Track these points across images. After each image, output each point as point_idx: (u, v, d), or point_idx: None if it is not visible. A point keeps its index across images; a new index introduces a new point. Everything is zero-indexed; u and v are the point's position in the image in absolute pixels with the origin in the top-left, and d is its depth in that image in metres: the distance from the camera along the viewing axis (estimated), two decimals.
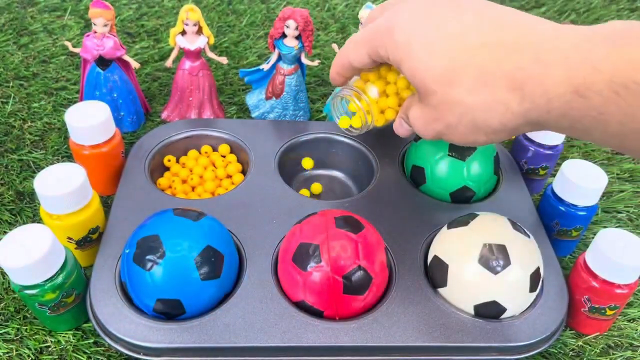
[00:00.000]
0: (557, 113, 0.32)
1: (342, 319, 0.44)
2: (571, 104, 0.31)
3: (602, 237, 0.46)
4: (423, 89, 0.37)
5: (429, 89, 0.36)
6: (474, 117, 0.35)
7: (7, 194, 0.57)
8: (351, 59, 0.42)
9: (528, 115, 0.34)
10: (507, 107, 0.34)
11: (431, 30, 0.36)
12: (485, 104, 0.34)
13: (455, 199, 0.56)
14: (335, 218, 0.45)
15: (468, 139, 0.37)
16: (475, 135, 0.37)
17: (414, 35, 0.36)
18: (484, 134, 0.36)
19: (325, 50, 0.82)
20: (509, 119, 0.34)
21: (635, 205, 0.63)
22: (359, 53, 0.41)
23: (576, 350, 0.49)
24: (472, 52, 0.34)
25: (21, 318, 0.47)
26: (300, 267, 0.43)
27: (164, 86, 0.74)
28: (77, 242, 0.49)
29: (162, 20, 0.85)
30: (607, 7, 0.99)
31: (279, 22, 0.60)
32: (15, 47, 0.78)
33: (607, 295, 0.46)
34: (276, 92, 0.64)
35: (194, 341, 0.42)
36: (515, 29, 0.34)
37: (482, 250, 0.44)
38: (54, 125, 0.66)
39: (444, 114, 0.37)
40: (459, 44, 0.35)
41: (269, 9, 0.90)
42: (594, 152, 0.70)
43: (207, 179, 0.59)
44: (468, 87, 0.35)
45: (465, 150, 0.54)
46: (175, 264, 0.42)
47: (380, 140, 0.62)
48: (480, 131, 0.36)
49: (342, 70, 0.44)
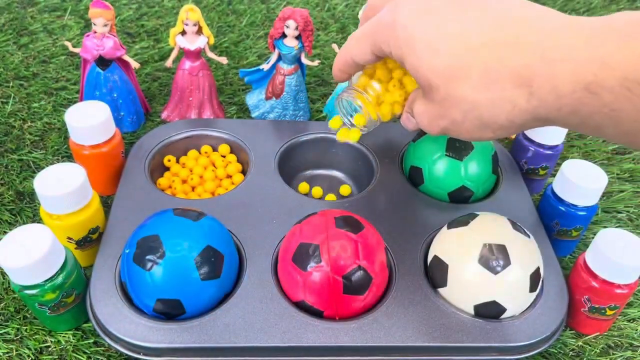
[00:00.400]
0: (567, 110, 0.31)
1: (342, 319, 0.44)
2: (581, 100, 0.30)
3: (602, 237, 0.46)
4: (427, 85, 0.36)
5: (433, 85, 0.36)
6: (480, 113, 0.35)
7: (7, 194, 0.57)
8: (354, 55, 0.42)
9: (536, 112, 0.33)
10: (514, 104, 0.33)
11: (432, 28, 0.35)
12: (492, 101, 0.34)
13: (454, 199, 0.56)
14: (335, 218, 0.45)
15: (474, 135, 0.37)
16: (482, 132, 0.36)
17: (415, 32, 0.36)
18: (491, 130, 0.36)
19: (325, 50, 0.82)
20: (516, 115, 0.34)
21: (635, 205, 0.63)
22: (362, 49, 0.41)
23: (576, 350, 0.49)
24: (474, 51, 0.34)
25: (21, 318, 0.47)
26: (300, 267, 0.43)
27: (164, 86, 0.74)
28: (77, 242, 0.49)
29: (162, 20, 0.85)
30: (607, 7, 0.99)
31: (279, 22, 0.60)
32: (15, 47, 0.78)
33: (607, 295, 0.46)
34: (276, 92, 0.64)
35: (194, 341, 0.42)
36: (519, 25, 0.33)
37: (482, 250, 0.44)
38: (54, 125, 0.66)
39: (449, 110, 0.36)
40: (461, 44, 0.34)
41: (269, 9, 0.90)
42: (594, 152, 0.70)
43: (207, 179, 0.59)
44: (473, 84, 0.34)
45: (463, 150, 0.54)
46: (175, 264, 0.42)
47: (380, 140, 0.62)
48: (487, 128, 0.36)
49: (345, 67, 0.44)
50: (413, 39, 0.36)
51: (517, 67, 0.32)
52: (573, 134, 0.72)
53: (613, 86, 0.29)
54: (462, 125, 0.36)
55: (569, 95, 0.30)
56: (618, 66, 0.28)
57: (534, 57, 0.32)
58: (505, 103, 0.33)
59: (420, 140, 0.57)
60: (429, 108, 0.38)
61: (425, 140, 0.56)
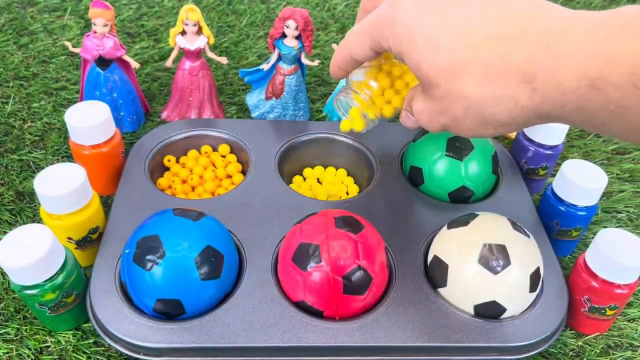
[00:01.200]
0: (572, 107, 0.30)
1: (342, 319, 0.44)
2: (586, 97, 0.29)
3: (602, 237, 0.46)
4: (427, 82, 0.36)
5: (433, 82, 0.35)
6: (482, 111, 0.34)
7: (7, 194, 0.57)
8: (353, 51, 0.41)
9: (539, 109, 0.32)
10: (516, 101, 0.32)
11: (433, 24, 0.35)
12: (493, 98, 0.33)
13: (454, 199, 0.56)
14: (335, 218, 0.45)
15: (475, 132, 0.36)
16: (483, 129, 0.36)
17: (416, 28, 0.35)
18: (492, 127, 0.35)
19: (325, 50, 0.82)
20: (518, 112, 0.33)
21: (635, 205, 0.63)
22: (361, 45, 0.40)
23: (576, 350, 0.49)
24: (477, 47, 0.33)
25: (21, 318, 0.47)
26: (300, 267, 0.43)
27: (164, 86, 0.74)
28: (77, 242, 0.49)
29: (162, 20, 0.85)
30: (607, 7, 0.99)
31: (279, 22, 0.60)
32: (15, 47, 0.78)
33: (607, 295, 0.46)
34: (276, 92, 0.64)
35: (194, 341, 0.42)
36: (523, 18, 0.32)
37: (482, 250, 0.44)
38: (54, 125, 0.66)
39: (449, 107, 0.36)
40: (463, 40, 0.33)
41: (269, 9, 0.90)
42: (594, 152, 0.70)
43: (207, 179, 0.59)
44: (474, 81, 0.33)
45: (463, 150, 0.54)
46: (175, 264, 0.42)
47: (380, 140, 0.62)
48: (489, 125, 0.35)
49: (344, 64, 0.42)
50: (413, 34, 0.35)
51: (520, 63, 0.32)
52: (573, 134, 0.72)
53: (619, 82, 0.28)
54: (463, 122, 0.36)
55: (573, 91, 0.30)
56: (624, 61, 0.27)
57: (538, 52, 0.31)
58: (507, 100, 0.33)
59: (421, 140, 0.57)
60: (429, 105, 0.37)
61: (425, 141, 0.56)
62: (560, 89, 0.30)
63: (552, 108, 0.31)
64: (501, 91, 0.33)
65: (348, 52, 0.41)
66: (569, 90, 0.30)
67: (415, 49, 0.35)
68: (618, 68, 0.28)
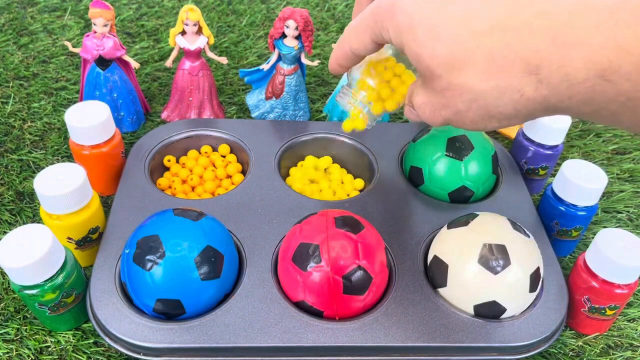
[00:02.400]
0: (580, 99, 0.29)
1: (342, 319, 0.44)
2: (595, 88, 0.28)
3: (602, 237, 0.46)
4: (428, 74, 0.35)
5: (435, 73, 0.34)
6: (486, 103, 0.33)
7: (7, 194, 0.57)
8: (353, 46, 0.39)
9: (546, 101, 0.31)
10: (521, 93, 0.31)
11: (434, 13, 0.33)
12: (497, 90, 0.32)
13: (454, 199, 0.56)
14: (335, 218, 0.45)
15: (478, 125, 0.35)
16: (487, 122, 0.34)
17: (416, 17, 0.34)
18: (497, 120, 0.34)
19: (325, 50, 0.82)
20: (523, 105, 0.32)
21: (635, 205, 0.63)
22: (362, 39, 0.38)
23: (576, 350, 0.49)
24: (480, 37, 0.32)
25: (21, 318, 0.47)
26: (300, 267, 0.43)
27: (164, 86, 0.74)
28: (77, 242, 0.49)
29: (162, 20, 0.85)
30: None
31: (278, 22, 0.60)
32: (15, 47, 0.78)
33: (607, 295, 0.46)
34: (276, 92, 0.64)
35: (194, 341, 0.42)
36: (527, 8, 0.31)
37: (482, 250, 0.44)
38: (54, 125, 0.66)
39: (451, 100, 0.34)
40: (465, 29, 0.32)
41: (269, 9, 0.90)
42: (593, 152, 0.70)
43: (207, 179, 0.59)
44: (477, 72, 0.32)
45: (463, 150, 0.54)
46: (175, 264, 0.42)
47: (380, 140, 0.62)
48: (493, 118, 0.34)
49: (344, 60, 0.41)
50: (414, 24, 0.34)
51: (526, 53, 0.30)
52: (573, 134, 0.72)
53: (630, 72, 0.27)
54: (466, 115, 0.35)
55: (581, 82, 0.28)
56: (635, 50, 0.26)
57: (544, 42, 0.30)
58: (512, 92, 0.32)
59: (420, 140, 0.57)
60: (430, 98, 0.36)
61: (425, 141, 0.56)
62: (568, 80, 0.29)
63: (559, 100, 0.30)
64: (505, 83, 0.32)
65: (348, 47, 0.40)
66: (577, 82, 0.29)
67: (416, 39, 0.34)
68: (628, 58, 0.26)
